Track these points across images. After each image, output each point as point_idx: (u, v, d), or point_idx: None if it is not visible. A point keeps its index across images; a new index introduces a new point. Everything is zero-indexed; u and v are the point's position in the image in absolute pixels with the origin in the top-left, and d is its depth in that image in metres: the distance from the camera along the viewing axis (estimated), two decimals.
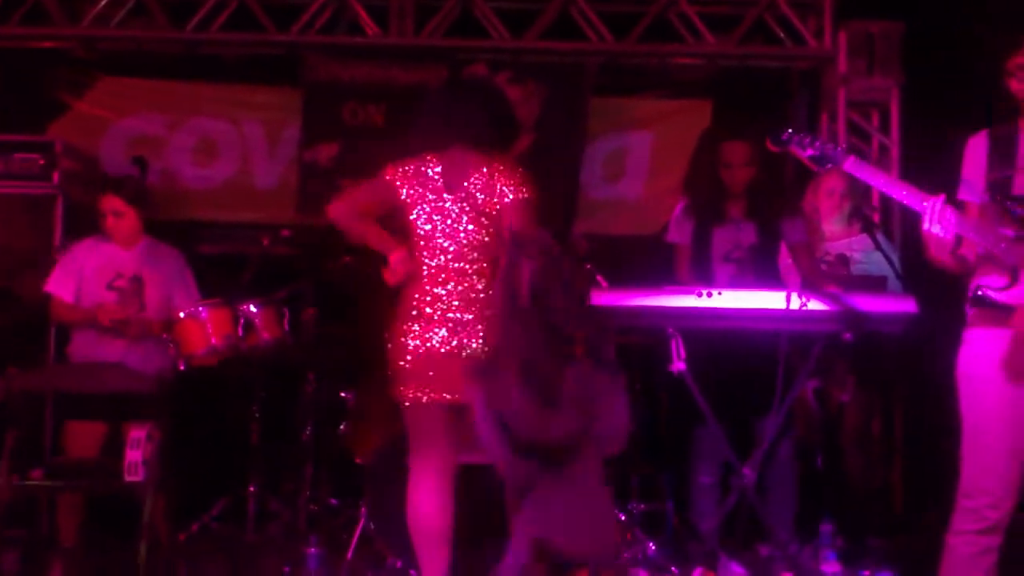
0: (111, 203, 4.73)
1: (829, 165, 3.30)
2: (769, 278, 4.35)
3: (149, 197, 4.93)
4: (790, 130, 3.38)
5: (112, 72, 6.11)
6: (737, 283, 4.26)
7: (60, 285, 4.73)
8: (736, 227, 4.46)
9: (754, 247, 4.43)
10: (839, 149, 3.30)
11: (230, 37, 6.00)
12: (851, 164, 3.25)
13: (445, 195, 3.57)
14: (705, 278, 4.35)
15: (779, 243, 4.54)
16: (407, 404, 3.58)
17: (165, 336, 4.43)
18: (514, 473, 3.02)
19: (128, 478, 3.90)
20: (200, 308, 4.44)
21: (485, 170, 3.55)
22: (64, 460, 4.34)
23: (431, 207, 3.57)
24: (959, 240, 3.16)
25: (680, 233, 4.56)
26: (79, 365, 4.60)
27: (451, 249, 3.55)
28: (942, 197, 3.11)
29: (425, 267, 3.58)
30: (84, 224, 5.26)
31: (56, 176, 5.26)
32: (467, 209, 3.55)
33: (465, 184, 3.56)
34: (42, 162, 5.28)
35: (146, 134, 6.07)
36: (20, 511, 4.23)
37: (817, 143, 3.31)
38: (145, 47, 6.07)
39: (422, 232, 3.58)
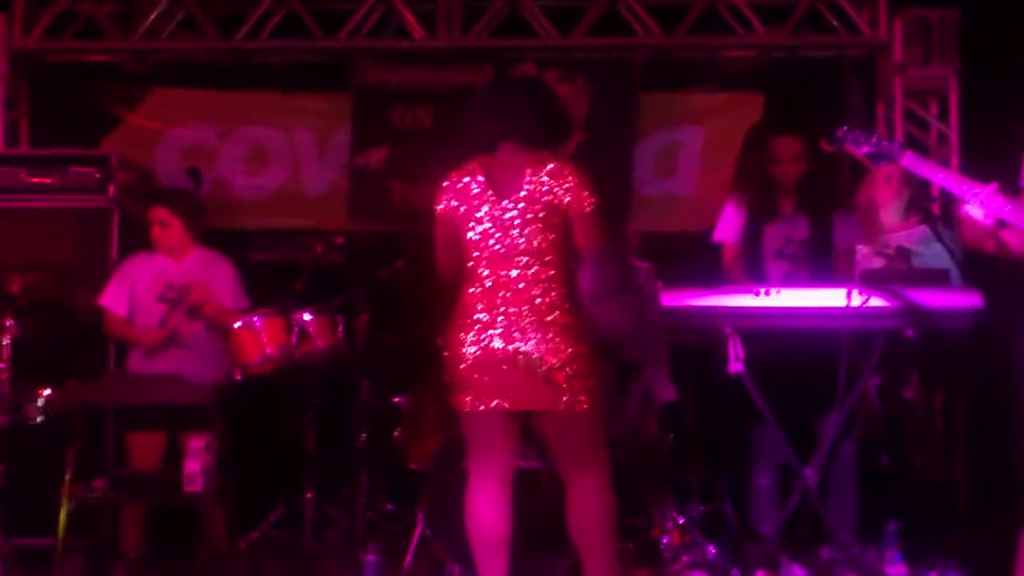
0: (157, 214, 4.79)
1: (886, 162, 3.22)
2: (822, 273, 4.27)
3: (201, 208, 4.96)
4: (844, 128, 3.31)
5: (164, 84, 6.17)
6: (790, 280, 4.18)
7: (113, 299, 4.80)
8: (788, 223, 4.38)
9: (806, 242, 4.35)
10: (895, 144, 3.23)
11: (279, 45, 6.04)
12: (909, 160, 3.18)
13: (495, 200, 3.50)
14: (757, 275, 4.29)
15: (832, 238, 4.45)
16: (465, 411, 3.55)
17: (221, 346, 4.46)
18: None
19: (188, 489, 3.92)
20: (255, 318, 4.46)
21: (537, 171, 3.48)
22: (127, 471, 4.39)
23: (482, 213, 3.52)
24: (1000, 224, 3.07)
25: (728, 231, 4.49)
26: (136, 377, 4.65)
27: (506, 254, 3.49)
28: (994, 186, 3.03)
29: (479, 273, 3.54)
30: (140, 236, 5.31)
31: (111, 189, 5.32)
32: (520, 213, 3.47)
33: (516, 187, 3.49)
34: (97, 175, 5.34)
35: (198, 144, 6.13)
36: (82, 520, 4.28)
37: (872, 139, 3.24)
38: (195, 58, 6.13)
39: (475, 238, 3.54)
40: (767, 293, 3.63)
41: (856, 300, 3.63)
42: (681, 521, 4.69)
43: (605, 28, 5.97)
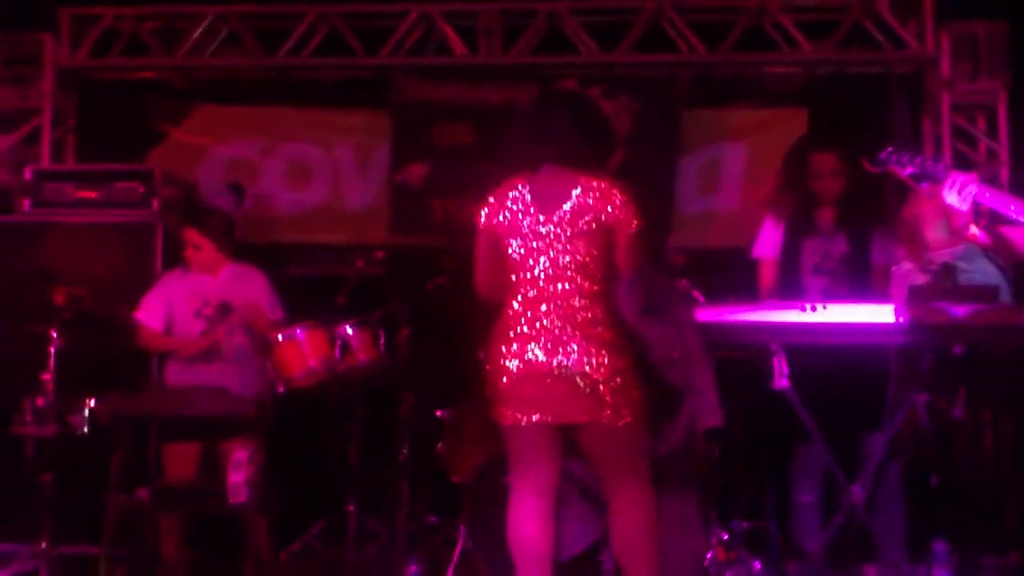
0: (190, 235, 4.83)
1: (932, 183, 3.20)
2: (861, 290, 4.22)
3: (233, 226, 4.98)
4: (889, 149, 3.28)
5: (208, 100, 6.24)
6: (828, 295, 4.13)
7: (149, 313, 4.83)
8: (826, 238, 4.34)
9: (845, 258, 4.30)
10: (940, 165, 3.20)
11: (321, 62, 6.10)
12: (953, 180, 3.15)
13: (539, 217, 3.50)
14: (795, 291, 4.24)
15: (870, 254, 4.40)
16: (507, 425, 3.54)
17: (260, 360, 4.48)
18: None
19: (232, 500, 3.93)
20: (298, 330, 4.47)
21: (584, 188, 3.48)
22: (169, 482, 4.41)
23: (525, 229, 3.51)
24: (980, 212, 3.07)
25: (767, 247, 4.45)
26: (180, 389, 4.68)
27: (548, 270, 3.48)
28: (974, 174, 3.02)
29: (521, 288, 3.53)
30: (183, 251, 5.36)
31: (155, 204, 5.37)
32: (564, 229, 3.47)
33: (560, 203, 3.48)
34: (142, 190, 5.40)
35: (241, 160, 6.19)
36: (126, 529, 4.30)
37: (917, 160, 3.21)
38: (239, 75, 6.19)
39: (517, 255, 3.53)
40: (813, 309, 3.59)
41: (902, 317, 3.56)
42: (725, 537, 4.65)
43: (648, 44, 5.97)
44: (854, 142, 4.53)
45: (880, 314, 3.65)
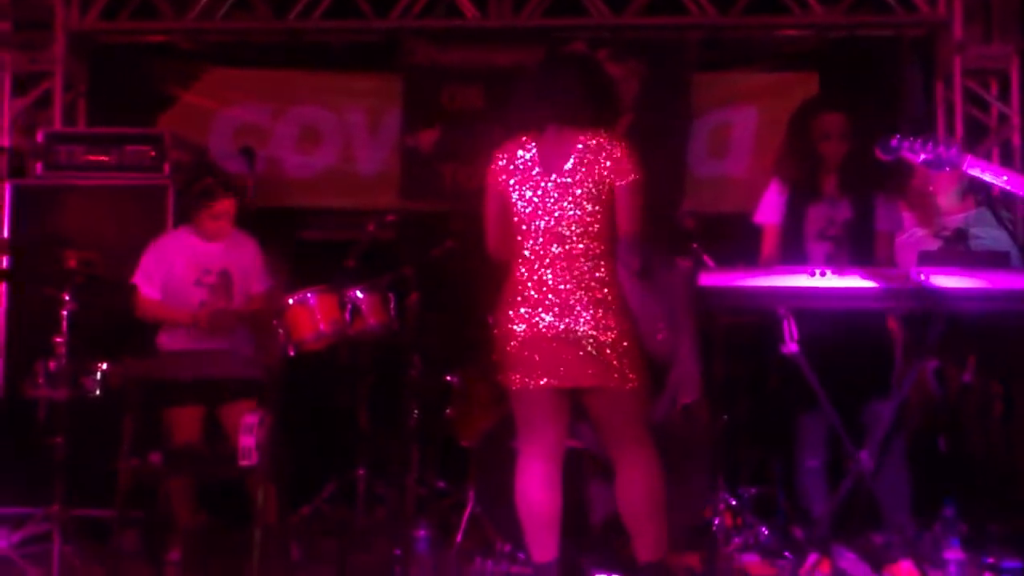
0: (226, 206, 4.80)
1: (948, 168, 3.17)
2: (865, 256, 4.20)
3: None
4: (898, 136, 3.25)
5: (218, 63, 6.23)
6: (833, 262, 4.11)
7: (147, 279, 4.80)
8: (830, 203, 4.30)
9: (849, 224, 4.27)
10: (954, 150, 3.17)
11: (331, 25, 6.07)
12: (970, 163, 3.13)
13: (544, 176, 3.50)
14: (798, 257, 4.22)
15: (873, 220, 4.36)
16: (514, 389, 3.55)
17: (275, 323, 4.48)
18: None
19: (242, 463, 3.96)
20: (309, 294, 4.48)
21: (584, 147, 3.47)
22: (180, 446, 4.44)
23: (530, 189, 3.51)
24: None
25: (770, 213, 4.42)
26: (191, 352, 4.71)
27: (554, 231, 3.49)
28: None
29: (528, 250, 3.53)
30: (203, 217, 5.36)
31: (167, 167, 5.37)
32: (568, 188, 3.47)
33: (564, 164, 3.48)
34: (152, 154, 5.40)
35: (251, 123, 6.18)
36: (139, 493, 4.34)
37: (930, 145, 3.19)
38: (249, 38, 6.18)
39: (523, 215, 3.53)
40: (823, 273, 3.57)
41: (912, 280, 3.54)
42: (733, 503, 4.67)
43: (658, 7, 5.92)
44: (865, 106, 4.50)
45: (888, 279, 3.63)
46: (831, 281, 3.56)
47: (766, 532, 4.60)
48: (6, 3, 5.87)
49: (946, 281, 3.55)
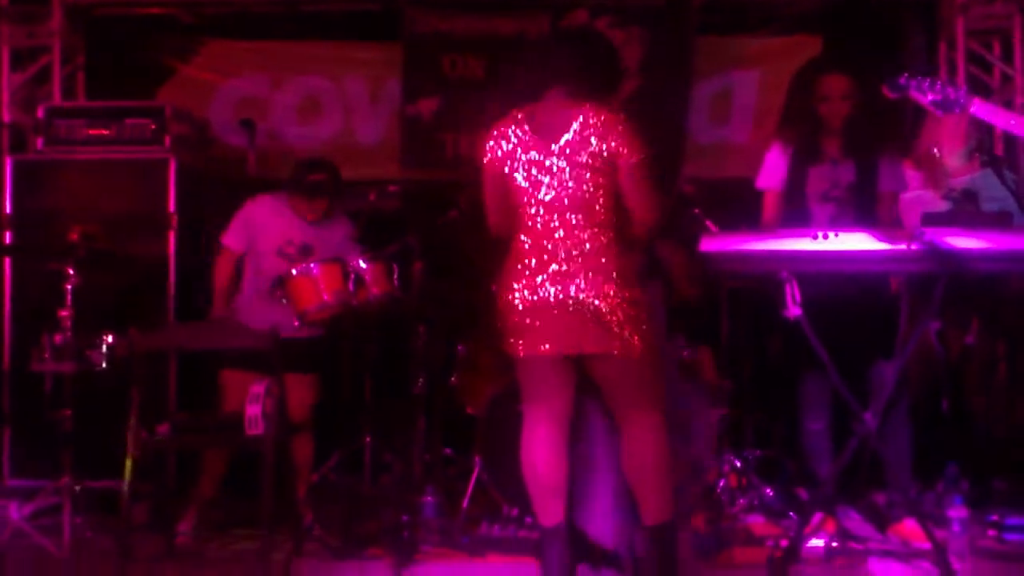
0: (323, 204, 4.80)
1: (956, 110, 3.15)
2: (869, 218, 4.19)
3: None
4: (906, 74, 3.23)
5: (217, 35, 6.20)
6: (837, 224, 4.11)
7: (236, 239, 4.81)
8: (833, 166, 4.29)
9: (852, 186, 4.25)
10: (962, 91, 3.15)
11: None
12: (978, 107, 3.11)
13: (541, 147, 3.50)
14: (801, 220, 4.22)
15: (876, 182, 4.35)
16: (518, 356, 3.57)
17: (278, 293, 4.49)
18: None
19: (249, 432, 3.98)
20: (311, 265, 4.48)
21: (586, 119, 3.47)
22: (188, 416, 4.46)
23: (528, 160, 3.51)
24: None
25: (772, 178, 4.41)
26: (195, 324, 4.72)
27: (554, 202, 3.49)
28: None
29: (529, 220, 3.53)
30: (196, 187, 5.37)
31: (168, 140, 5.36)
32: (568, 160, 3.47)
33: (562, 134, 3.48)
34: (153, 127, 5.38)
35: (251, 95, 6.17)
36: (149, 465, 4.37)
37: (938, 86, 3.16)
38: (247, 9, 6.13)
39: (522, 186, 3.53)
40: (825, 236, 3.57)
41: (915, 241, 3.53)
42: (738, 464, 4.70)
43: None
44: (869, 68, 4.47)
45: (892, 241, 3.62)
46: (833, 244, 3.56)
47: (771, 493, 4.63)
48: None
49: (950, 242, 3.53)
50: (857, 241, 3.56)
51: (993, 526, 4.12)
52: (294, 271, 4.47)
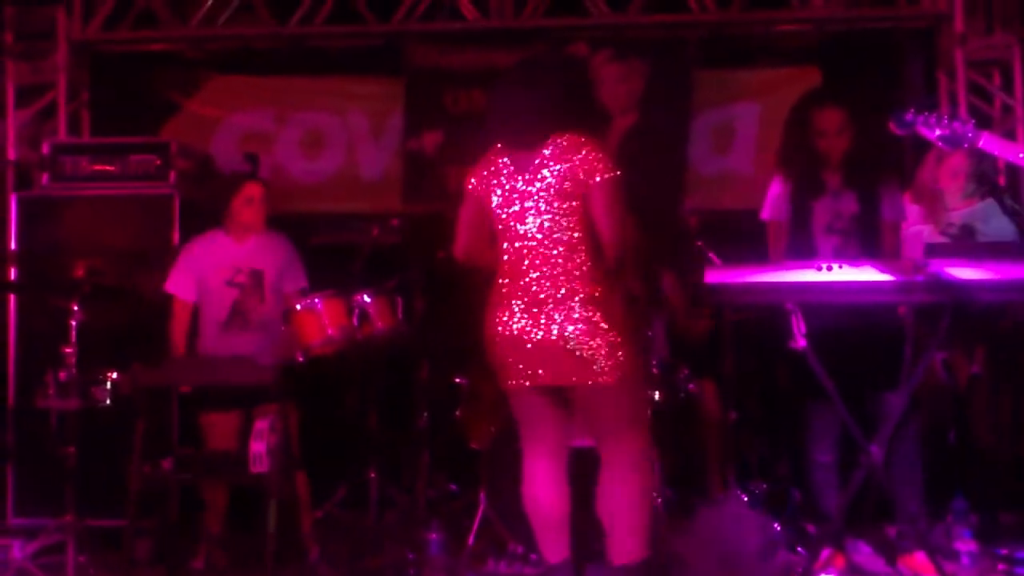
0: (251, 190, 4.81)
1: (964, 144, 3.16)
2: (873, 249, 4.20)
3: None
4: (913, 110, 3.23)
5: (221, 71, 6.25)
6: (842, 255, 4.12)
7: (180, 285, 4.82)
8: (835, 198, 4.30)
9: (856, 217, 4.26)
10: (969, 126, 3.15)
11: (332, 30, 6.07)
12: (987, 141, 3.12)
13: (517, 181, 3.50)
14: (807, 252, 4.22)
15: (879, 212, 4.36)
16: (507, 391, 3.56)
17: (283, 328, 4.49)
18: None
19: (254, 469, 3.97)
20: (316, 300, 4.49)
21: (555, 146, 3.45)
22: (192, 452, 4.45)
23: (506, 193, 3.51)
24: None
25: (776, 210, 4.41)
26: (199, 359, 4.72)
27: (531, 232, 3.48)
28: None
29: (508, 253, 3.53)
30: (200, 222, 5.37)
31: (172, 176, 5.38)
32: (540, 190, 3.46)
33: (534, 162, 3.46)
34: (158, 162, 5.40)
35: (255, 130, 6.20)
36: (153, 501, 4.35)
37: (945, 121, 3.17)
38: (251, 44, 6.18)
39: (501, 218, 3.54)
40: (829, 268, 3.57)
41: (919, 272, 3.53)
42: (744, 499, 4.67)
43: (659, 6, 5.92)
44: (867, 99, 4.49)
45: (897, 272, 3.62)
46: (838, 275, 3.56)
47: (778, 528, 4.59)
48: (8, 14, 5.88)
49: (954, 272, 3.53)
50: (862, 272, 3.57)
51: (1003, 560, 4.09)
52: (298, 306, 4.47)
